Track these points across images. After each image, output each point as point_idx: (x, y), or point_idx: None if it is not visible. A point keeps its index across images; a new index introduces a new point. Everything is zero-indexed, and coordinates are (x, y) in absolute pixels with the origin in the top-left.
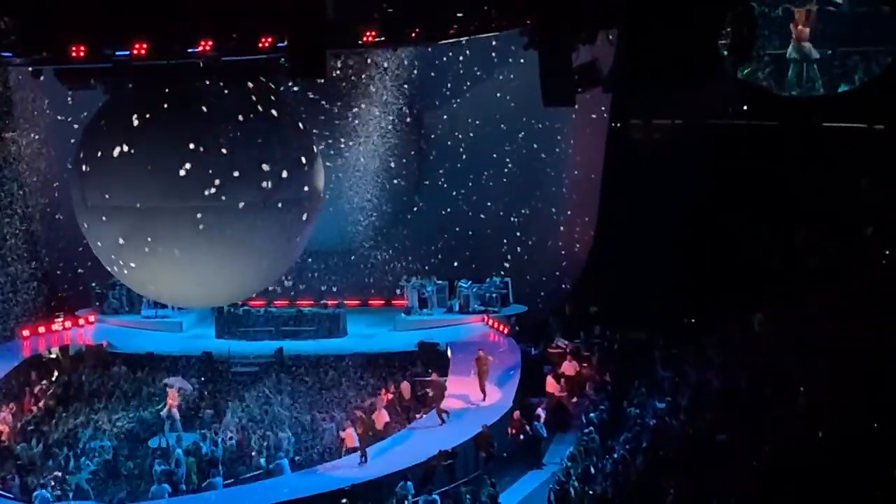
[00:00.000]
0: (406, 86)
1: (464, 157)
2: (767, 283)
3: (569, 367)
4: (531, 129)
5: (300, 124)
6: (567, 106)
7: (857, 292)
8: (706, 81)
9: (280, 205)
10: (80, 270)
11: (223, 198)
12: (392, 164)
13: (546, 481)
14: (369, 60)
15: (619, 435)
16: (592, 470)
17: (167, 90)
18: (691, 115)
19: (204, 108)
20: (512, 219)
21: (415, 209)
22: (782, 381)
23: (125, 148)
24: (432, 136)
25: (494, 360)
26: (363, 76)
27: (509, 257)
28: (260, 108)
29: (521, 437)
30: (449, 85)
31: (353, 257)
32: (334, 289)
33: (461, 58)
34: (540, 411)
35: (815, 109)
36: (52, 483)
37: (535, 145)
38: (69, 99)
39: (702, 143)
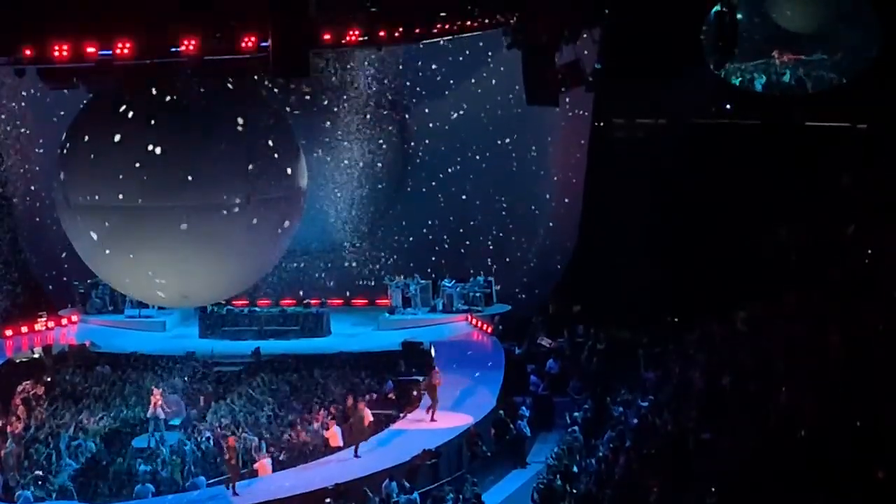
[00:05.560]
0: (389, 85)
1: (447, 155)
2: (750, 282)
3: None
4: (515, 128)
5: (283, 123)
6: (550, 105)
7: (839, 290)
8: (688, 80)
9: (263, 204)
10: (63, 270)
11: (206, 197)
12: (375, 163)
13: (530, 480)
14: (353, 59)
15: (602, 434)
16: (576, 469)
17: (150, 90)
18: (674, 114)
19: (187, 108)
20: (495, 218)
21: (398, 208)
22: (765, 380)
23: (107, 147)
24: (416, 135)
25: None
26: (347, 75)
27: (493, 256)
28: (243, 107)
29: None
30: (432, 84)
31: (336, 257)
32: (318, 288)
33: (445, 57)
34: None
35: (798, 108)
36: (35, 483)
37: (518, 144)
38: (52, 98)
39: (685, 141)
